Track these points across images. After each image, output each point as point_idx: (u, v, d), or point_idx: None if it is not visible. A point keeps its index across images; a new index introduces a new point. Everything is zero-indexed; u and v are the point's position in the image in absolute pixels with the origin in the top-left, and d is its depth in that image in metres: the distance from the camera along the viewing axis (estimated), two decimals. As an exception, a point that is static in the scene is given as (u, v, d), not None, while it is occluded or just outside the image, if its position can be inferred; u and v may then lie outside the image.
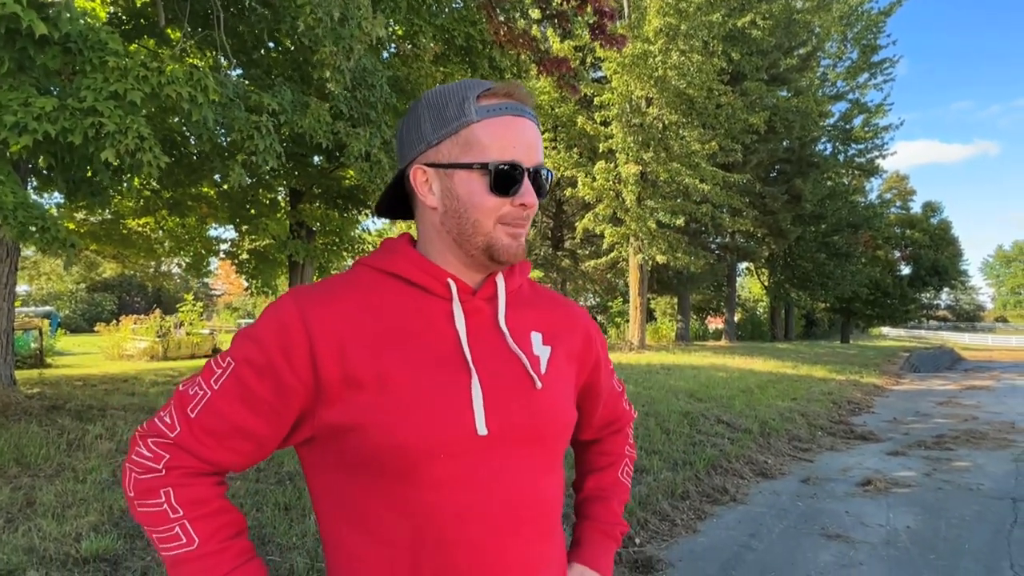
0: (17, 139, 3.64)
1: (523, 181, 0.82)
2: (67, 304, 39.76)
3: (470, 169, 0.82)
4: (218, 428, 0.80)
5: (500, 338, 0.87)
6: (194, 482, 0.81)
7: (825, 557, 3.68)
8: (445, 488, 0.79)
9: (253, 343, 0.80)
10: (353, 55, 4.48)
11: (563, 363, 0.93)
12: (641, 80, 16.24)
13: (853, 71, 27.93)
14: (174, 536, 0.79)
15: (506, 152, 0.81)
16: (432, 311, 0.84)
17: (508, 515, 0.82)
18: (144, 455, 0.81)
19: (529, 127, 0.84)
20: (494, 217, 0.82)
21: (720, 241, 25.27)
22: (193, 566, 0.79)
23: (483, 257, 0.84)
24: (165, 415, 0.82)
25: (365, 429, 0.78)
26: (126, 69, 3.86)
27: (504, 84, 0.84)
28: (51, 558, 2.98)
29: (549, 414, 0.87)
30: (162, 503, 0.79)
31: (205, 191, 10.42)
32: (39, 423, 5.35)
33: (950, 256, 36.37)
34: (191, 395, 0.81)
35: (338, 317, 0.81)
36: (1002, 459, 6.15)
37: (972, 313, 68.13)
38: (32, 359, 13.13)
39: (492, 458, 0.81)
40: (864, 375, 14.08)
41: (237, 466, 0.84)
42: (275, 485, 4.13)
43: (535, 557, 0.85)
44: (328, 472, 0.83)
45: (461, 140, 0.82)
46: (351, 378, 0.79)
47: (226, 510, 0.83)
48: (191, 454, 0.81)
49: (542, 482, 0.86)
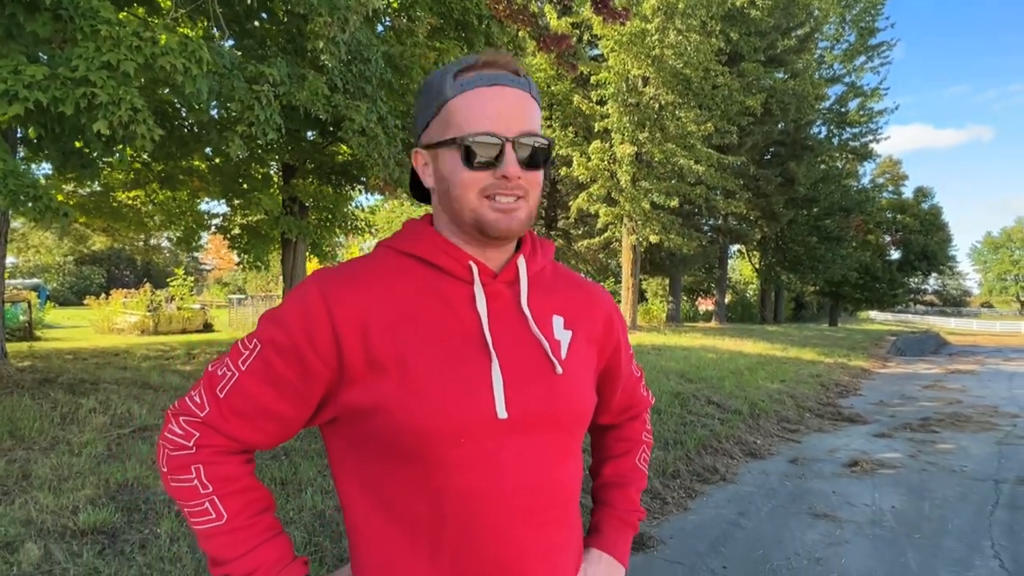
0: (7, 107, 3.57)
1: (503, 151, 0.80)
2: (55, 277, 39.36)
3: (449, 147, 0.81)
4: (245, 408, 0.82)
5: (521, 322, 0.86)
6: (223, 460, 0.84)
7: (812, 535, 3.77)
8: (464, 471, 0.80)
9: (278, 326, 0.82)
10: (348, 26, 4.40)
11: (584, 347, 0.92)
12: (638, 59, 16.09)
13: (850, 53, 27.83)
14: (204, 511, 0.82)
15: (479, 123, 0.80)
16: (454, 294, 0.84)
17: (526, 499, 0.82)
18: (176, 433, 0.84)
19: (506, 94, 0.81)
20: (475, 191, 0.81)
21: (713, 223, 25.32)
22: (222, 540, 0.82)
23: (476, 233, 0.83)
24: (195, 395, 0.84)
25: (386, 411, 0.79)
26: (119, 39, 3.77)
27: (483, 54, 0.82)
28: (49, 530, 3.00)
29: (569, 399, 0.87)
30: (193, 479, 0.82)
31: (197, 164, 10.27)
32: (31, 396, 5.33)
33: (939, 241, 36.66)
34: (220, 376, 0.83)
35: (360, 301, 0.81)
36: (985, 442, 6.28)
37: (958, 298, 68.95)
38: (21, 332, 13.03)
39: (511, 442, 0.81)
40: (852, 358, 14.26)
41: (264, 445, 0.86)
42: (271, 460, 4.15)
43: (551, 541, 0.86)
44: (351, 452, 0.85)
45: (441, 119, 0.83)
46: (373, 361, 0.80)
47: (254, 487, 0.86)
48: (220, 433, 0.83)
49: (560, 467, 0.86)
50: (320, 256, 13.09)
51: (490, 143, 0.79)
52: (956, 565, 3.38)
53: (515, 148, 0.80)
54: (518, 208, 0.82)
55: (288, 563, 0.84)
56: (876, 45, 27.83)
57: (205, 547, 0.83)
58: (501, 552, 0.82)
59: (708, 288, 34.79)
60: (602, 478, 1.08)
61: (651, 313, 26.03)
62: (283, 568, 0.83)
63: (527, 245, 0.92)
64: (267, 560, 0.83)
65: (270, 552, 0.84)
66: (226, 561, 0.82)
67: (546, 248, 0.95)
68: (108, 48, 3.73)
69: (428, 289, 0.84)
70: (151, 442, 4.42)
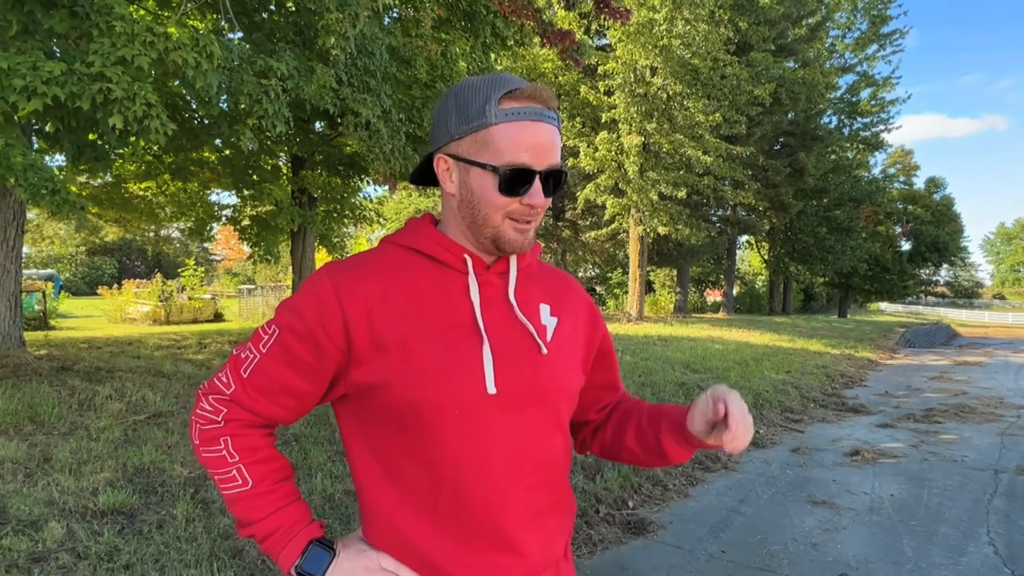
0: (27, 103, 3.67)
1: (533, 182, 0.89)
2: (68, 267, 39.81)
3: (484, 168, 0.89)
4: (266, 386, 0.93)
5: (510, 309, 0.96)
6: (248, 432, 0.95)
7: (810, 522, 3.84)
8: (458, 442, 0.89)
9: (294, 313, 0.92)
10: (359, 22, 4.46)
11: (570, 332, 1.02)
12: (646, 49, 16.01)
13: (862, 42, 27.50)
14: (232, 478, 0.93)
15: (518, 156, 0.87)
16: (450, 283, 0.94)
17: (514, 466, 0.92)
18: (206, 409, 0.95)
19: (545, 130, 0.89)
20: (502, 213, 0.90)
21: (721, 214, 25.22)
22: (247, 503, 0.93)
23: (491, 246, 0.93)
24: (222, 375, 0.96)
25: (389, 387, 0.89)
26: (133, 34, 3.86)
27: (529, 87, 0.89)
28: (70, 511, 3.12)
29: (554, 378, 0.96)
30: (222, 449, 0.93)
31: (207, 156, 10.38)
32: (49, 383, 5.48)
33: (951, 232, 36.32)
34: (243, 358, 0.94)
35: (366, 290, 0.91)
36: (988, 432, 6.32)
37: (970, 290, 68.28)
38: (36, 321, 13.26)
39: (501, 417, 0.91)
40: (859, 349, 14.25)
41: (284, 419, 0.97)
42: (282, 446, 4.26)
43: (540, 503, 0.96)
44: (361, 426, 0.95)
45: (480, 139, 0.89)
46: (378, 342, 0.89)
47: (275, 457, 0.97)
48: (245, 408, 0.94)
49: (547, 441, 0.96)
50: (329, 247, 13.21)
51: (527, 175, 0.88)
52: (951, 551, 3.45)
53: (542, 181, 0.89)
54: (531, 228, 0.93)
55: (306, 525, 0.94)
56: (888, 33, 27.48)
57: (233, 511, 0.95)
58: (492, 512, 0.91)
59: (716, 279, 34.71)
60: (638, 418, 1.08)
61: (659, 304, 26.06)
62: (301, 529, 0.94)
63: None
64: (287, 521, 0.93)
65: (290, 514, 0.94)
66: (251, 522, 0.93)
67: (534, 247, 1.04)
68: (123, 43, 3.82)
69: (427, 279, 0.94)
70: (166, 428, 4.55)
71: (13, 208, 6.14)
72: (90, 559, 2.69)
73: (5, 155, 4.11)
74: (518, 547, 0.93)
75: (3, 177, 4.03)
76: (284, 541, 0.93)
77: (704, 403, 0.94)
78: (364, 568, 0.92)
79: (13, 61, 3.73)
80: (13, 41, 3.89)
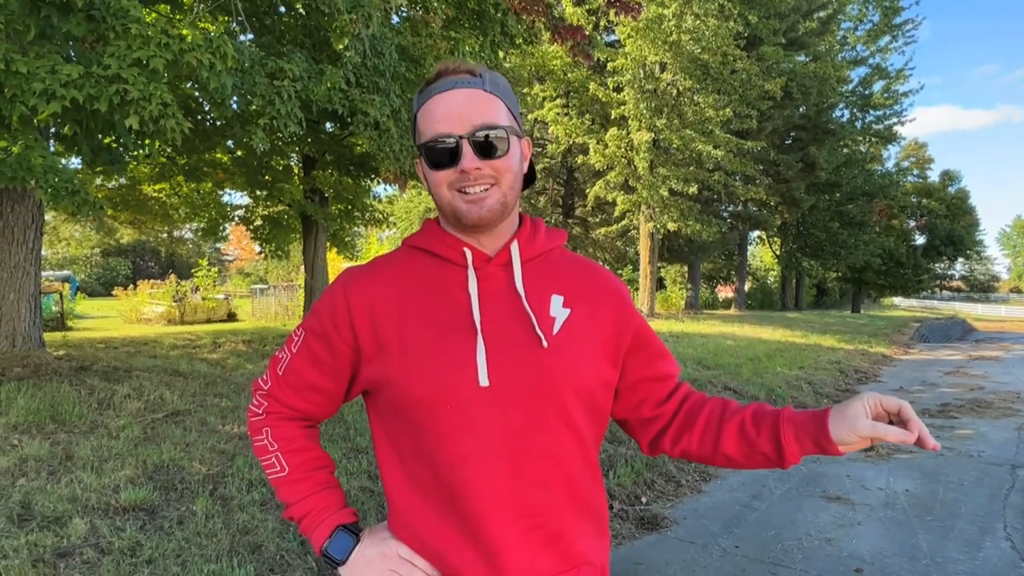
0: (46, 106, 3.74)
1: (460, 147, 0.89)
2: (83, 268, 40.29)
3: (419, 154, 0.96)
4: (296, 383, 1.03)
5: (513, 301, 0.94)
6: (284, 424, 1.05)
7: (824, 517, 3.84)
8: (453, 436, 0.90)
9: (315, 316, 1.00)
10: (372, 23, 4.49)
11: (586, 324, 0.97)
12: (655, 45, 15.95)
13: (874, 34, 27.17)
14: (272, 464, 1.02)
15: (434, 128, 0.90)
16: (449, 279, 0.96)
17: (511, 464, 0.90)
18: (254, 403, 1.07)
19: (455, 96, 0.89)
20: (444, 187, 0.92)
21: (732, 209, 25.08)
22: (286, 488, 1.02)
23: (456, 223, 0.94)
24: (265, 374, 1.07)
25: (391, 384, 0.93)
26: (148, 37, 3.91)
27: (440, 64, 0.94)
28: (93, 507, 3.18)
29: (557, 371, 0.92)
30: (264, 439, 1.04)
31: (220, 157, 10.49)
32: (69, 383, 5.57)
33: (966, 226, 35.87)
34: (279, 358, 1.05)
35: (370, 292, 0.96)
36: (1005, 427, 6.26)
37: (986, 284, 67.41)
38: (53, 322, 13.43)
39: (495, 411, 0.89)
40: (873, 345, 14.13)
41: (315, 414, 1.06)
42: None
43: (536, 502, 0.92)
44: (380, 421, 1.00)
45: (416, 132, 0.96)
46: (380, 342, 0.94)
47: (311, 448, 1.05)
48: (280, 402, 1.04)
49: (551, 437, 0.92)
50: (340, 246, 13.30)
51: (444, 143, 0.89)
52: (967, 546, 3.43)
53: (471, 142, 0.89)
54: (488, 196, 0.91)
55: (336, 511, 1.00)
56: (900, 24, 27.12)
57: (278, 494, 1.03)
58: (481, 510, 0.90)
59: (728, 275, 34.54)
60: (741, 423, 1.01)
61: (670, 301, 25.94)
62: (331, 514, 1.00)
63: (525, 230, 0.99)
64: (318, 506, 1.00)
65: (321, 500, 1.01)
66: (289, 504, 1.01)
67: (554, 235, 1.03)
68: (138, 46, 3.88)
69: (430, 277, 0.97)
70: (184, 426, 4.61)
71: (32, 211, 6.24)
72: (113, 554, 2.75)
73: (25, 158, 4.19)
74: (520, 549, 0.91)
75: (23, 179, 4.11)
76: (315, 524, 0.99)
77: (862, 408, 0.89)
78: (381, 555, 0.96)
79: (32, 65, 3.80)
80: (31, 46, 3.96)
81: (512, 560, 0.91)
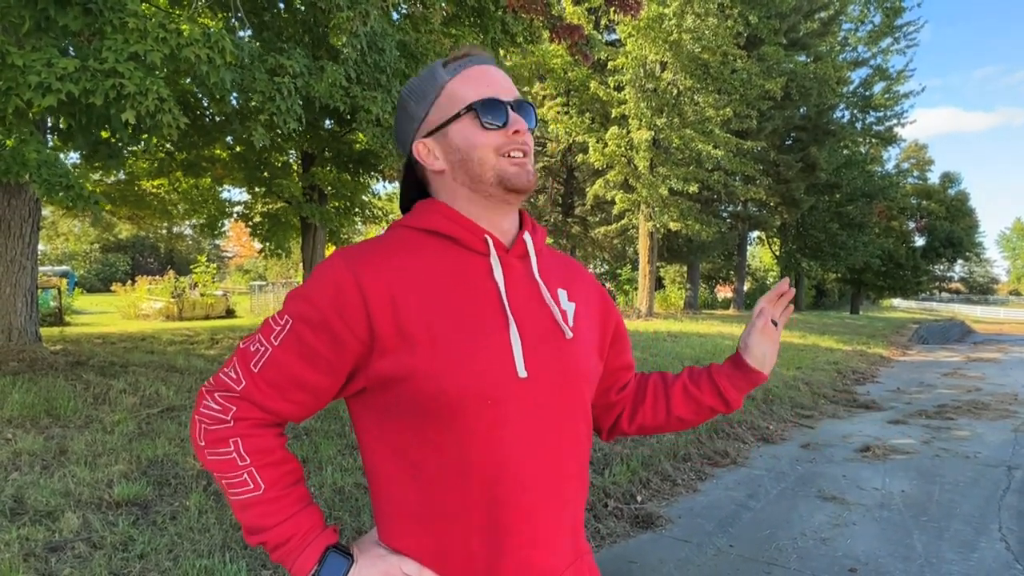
0: (41, 99, 3.72)
1: (508, 112, 0.90)
2: (82, 264, 40.27)
3: (459, 118, 0.90)
4: (280, 380, 0.87)
5: (534, 291, 0.93)
6: (260, 432, 0.88)
7: (820, 517, 3.83)
8: (489, 431, 0.85)
9: (307, 302, 0.86)
10: (370, 20, 4.48)
11: (586, 317, 1.01)
12: (656, 44, 15.93)
13: (875, 35, 27.13)
14: (243, 482, 0.87)
15: (482, 91, 0.90)
16: (472, 266, 0.90)
17: (548, 455, 0.89)
18: (213, 408, 0.88)
19: (496, 71, 0.93)
20: (492, 150, 0.89)
21: (732, 209, 25.07)
22: (260, 509, 0.87)
23: (499, 191, 0.90)
24: (229, 370, 0.89)
25: (415, 379, 0.84)
26: (145, 30, 3.90)
27: (461, 48, 0.94)
28: (86, 502, 3.18)
29: (577, 361, 0.94)
30: (231, 452, 0.87)
31: (219, 153, 10.47)
32: (65, 378, 5.56)
33: (966, 228, 35.84)
34: (252, 351, 0.88)
35: (388, 274, 0.86)
36: (1001, 429, 6.26)
37: (985, 286, 67.45)
38: (51, 317, 13.43)
39: (533, 403, 0.88)
40: (871, 346, 14.13)
41: (297, 416, 0.91)
42: (292, 440, 4.31)
43: (573, 494, 0.94)
44: (380, 421, 0.89)
45: (443, 100, 0.92)
46: (403, 331, 0.84)
47: (288, 459, 0.91)
48: (256, 405, 0.88)
49: (574, 426, 0.94)
50: (338, 243, 13.27)
51: (498, 106, 0.90)
52: (962, 547, 3.43)
53: (516, 109, 0.91)
54: (528, 162, 0.92)
55: (320, 531, 0.89)
56: (902, 25, 27.09)
57: (242, 517, 0.88)
58: (525, 506, 0.88)
59: (727, 275, 34.51)
60: (678, 384, 1.12)
61: (669, 300, 25.95)
62: (317, 535, 0.89)
63: (528, 223, 0.99)
64: (302, 528, 0.88)
65: (304, 520, 0.89)
66: (263, 529, 0.87)
67: (541, 231, 1.02)
68: (135, 40, 3.86)
69: (447, 262, 0.90)
70: (179, 421, 4.60)
71: (28, 205, 6.23)
72: (105, 549, 2.74)
73: (20, 151, 4.18)
74: (552, 542, 0.90)
75: (18, 173, 4.09)
76: (299, 549, 0.87)
77: (755, 319, 1.07)
78: (384, 574, 0.88)
79: (28, 58, 3.79)
80: (27, 38, 3.94)
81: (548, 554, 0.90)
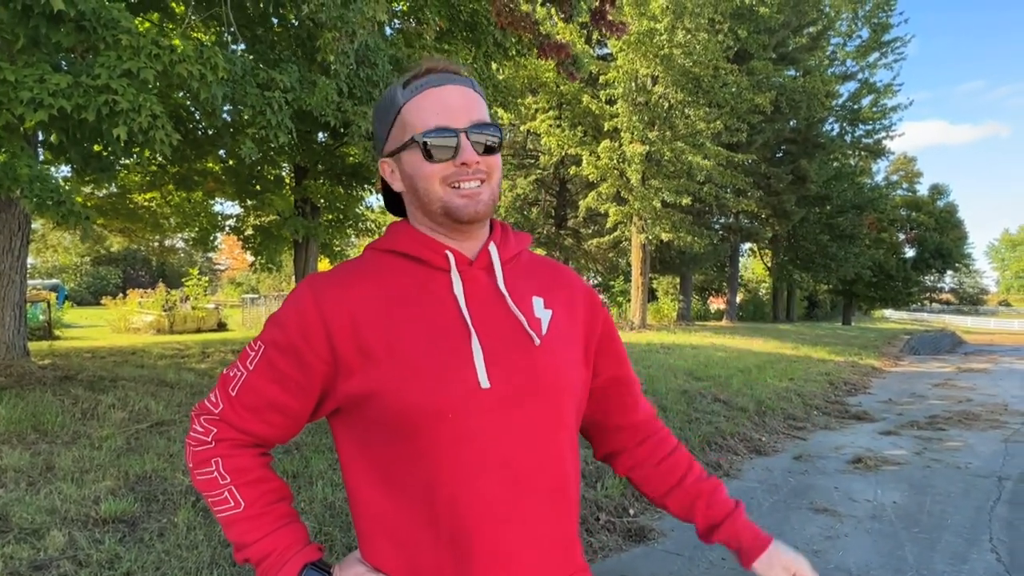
0: (33, 114, 3.72)
1: (459, 141, 0.87)
2: (73, 277, 40.00)
3: (409, 147, 0.90)
4: (254, 403, 0.91)
5: (499, 303, 0.92)
6: (238, 452, 0.93)
7: (812, 529, 3.83)
8: (454, 444, 0.85)
9: (278, 328, 0.90)
10: (357, 38, 4.51)
11: (566, 324, 0.97)
12: (647, 58, 16.11)
13: (863, 50, 27.55)
14: (224, 500, 0.91)
15: (430, 120, 0.88)
16: (433, 283, 0.91)
17: (514, 470, 0.87)
18: (198, 430, 0.93)
19: (452, 91, 0.89)
20: (437, 181, 0.88)
21: (724, 221, 25.24)
22: (241, 526, 0.91)
23: (447, 221, 0.90)
24: (212, 396, 0.94)
25: (380, 396, 0.85)
26: (138, 47, 3.91)
27: (424, 62, 0.92)
28: (72, 519, 3.14)
29: (549, 369, 0.91)
30: (213, 471, 0.91)
31: (211, 167, 10.47)
32: (53, 392, 5.51)
33: (955, 239, 36.21)
34: (231, 376, 0.93)
35: (348, 298, 0.88)
36: (992, 439, 6.29)
37: (975, 296, 68.01)
38: (41, 331, 13.30)
39: (498, 414, 0.86)
40: (863, 357, 14.20)
41: (275, 437, 0.95)
42: (283, 455, 4.28)
43: (543, 511, 0.90)
44: (356, 439, 0.91)
45: (398, 126, 0.91)
46: (364, 350, 0.86)
47: (269, 479, 0.94)
48: (234, 427, 0.92)
49: (547, 438, 0.90)
50: (331, 256, 13.26)
51: (444, 135, 0.87)
52: (953, 558, 3.44)
53: (468, 137, 0.88)
54: (481, 192, 0.90)
55: (301, 548, 0.91)
56: (889, 41, 27.52)
57: (228, 534, 0.92)
58: (491, 521, 0.86)
59: (719, 287, 34.67)
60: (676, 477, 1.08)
61: (661, 312, 26.02)
62: (296, 552, 0.90)
63: (496, 232, 0.98)
64: (280, 544, 0.90)
65: (283, 537, 0.91)
66: (246, 545, 0.91)
67: (520, 238, 1.01)
68: (128, 56, 3.88)
69: (410, 281, 0.91)
70: (168, 436, 4.57)
71: (18, 218, 6.20)
72: (91, 567, 2.70)
73: (11, 166, 4.17)
74: (526, 560, 0.89)
75: (9, 188, 4.09)
76: (278, 565, 0.90)
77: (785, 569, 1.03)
78: None
79: (20, 74, 3.79)
80: (20, 54, 3.95)
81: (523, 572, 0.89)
